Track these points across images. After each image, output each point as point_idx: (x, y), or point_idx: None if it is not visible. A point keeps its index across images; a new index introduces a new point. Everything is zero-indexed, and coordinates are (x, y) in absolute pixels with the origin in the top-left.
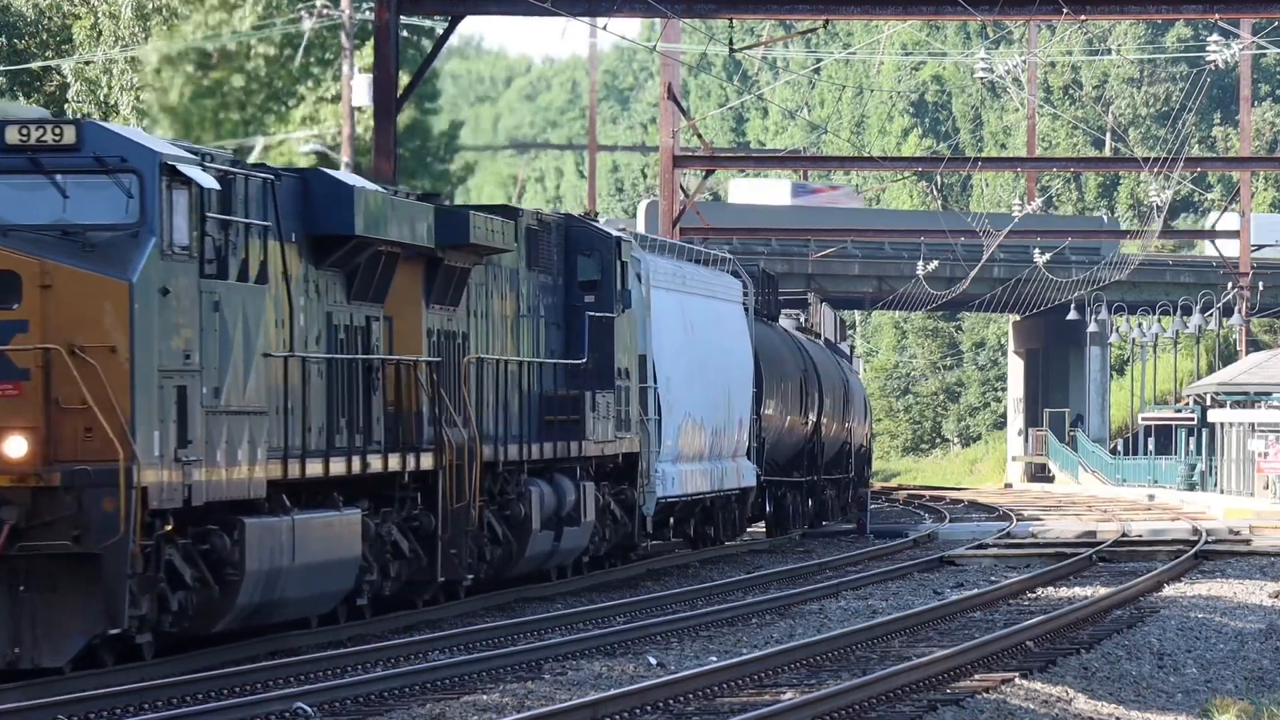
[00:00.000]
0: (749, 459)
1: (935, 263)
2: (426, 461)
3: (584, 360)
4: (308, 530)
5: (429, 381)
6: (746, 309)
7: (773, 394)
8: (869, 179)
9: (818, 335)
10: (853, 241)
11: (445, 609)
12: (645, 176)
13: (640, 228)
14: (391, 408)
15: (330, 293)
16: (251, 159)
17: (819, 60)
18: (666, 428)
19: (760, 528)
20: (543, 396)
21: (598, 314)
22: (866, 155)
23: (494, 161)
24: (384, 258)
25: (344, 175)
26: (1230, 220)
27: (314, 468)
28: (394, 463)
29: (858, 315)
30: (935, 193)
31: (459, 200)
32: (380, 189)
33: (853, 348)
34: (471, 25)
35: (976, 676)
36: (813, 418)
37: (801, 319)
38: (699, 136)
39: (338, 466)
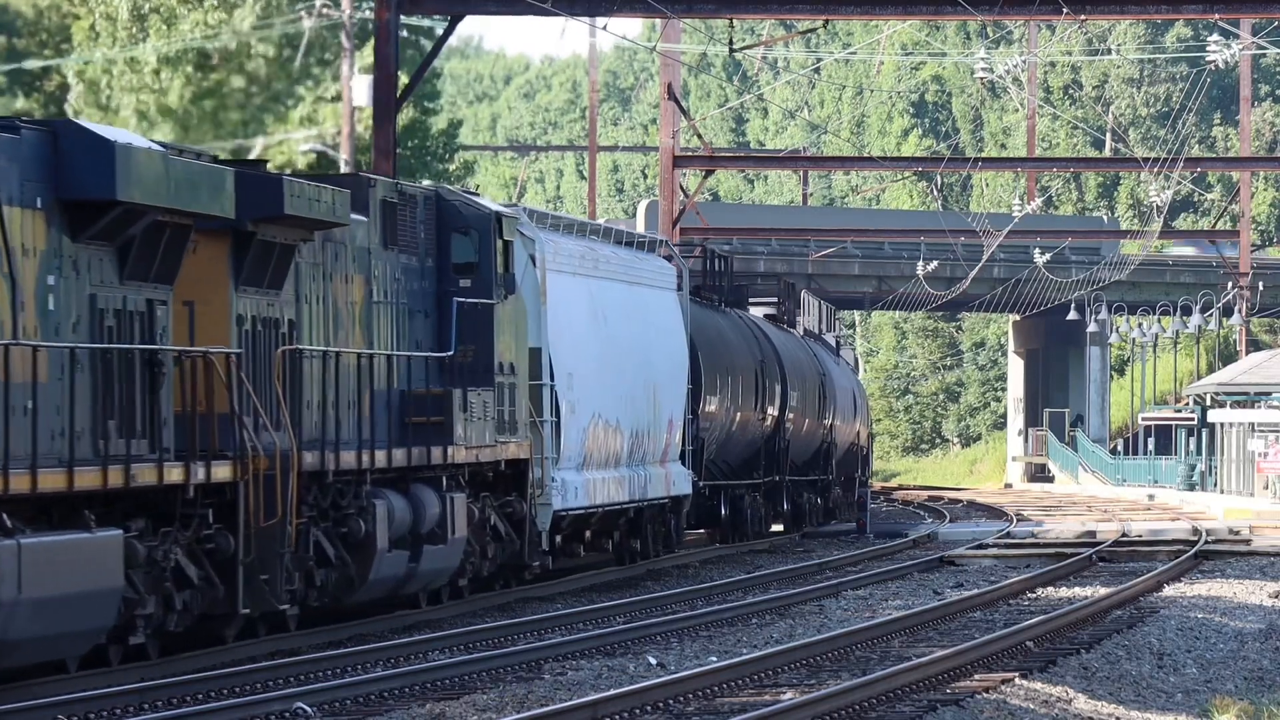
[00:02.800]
0: (683, 463)
1: (935, 263)
2: (222, 472)
3: (451, 353)
4: (42, 556)
5: (231, 377)
6: (681, 296)
7: (716, 389)
8: (869, 179)
9: (792, 325)
10: (853, 242)
11: (444, 609)
12: (645, 177)
13: (640, 228)
14: (185, 409)
15: (95, 271)
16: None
17: (819, 60)
18: (569, 430)
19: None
20: (403, 395)
21: (472, 300)
22: (866, 155)
23: (494, 162)
24: (169, 230)
25: (107, 129)
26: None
27: (53, 480)
28: (174, 474)
29: (858, 315)
30: (935, 193)
31: None
32: (156, 146)
33: (840, 339)
34: (471, 25)
35: (976, 676)
36: (772, 413)
37: (784, 308)
38: (699, 137)
39: (87, 479)
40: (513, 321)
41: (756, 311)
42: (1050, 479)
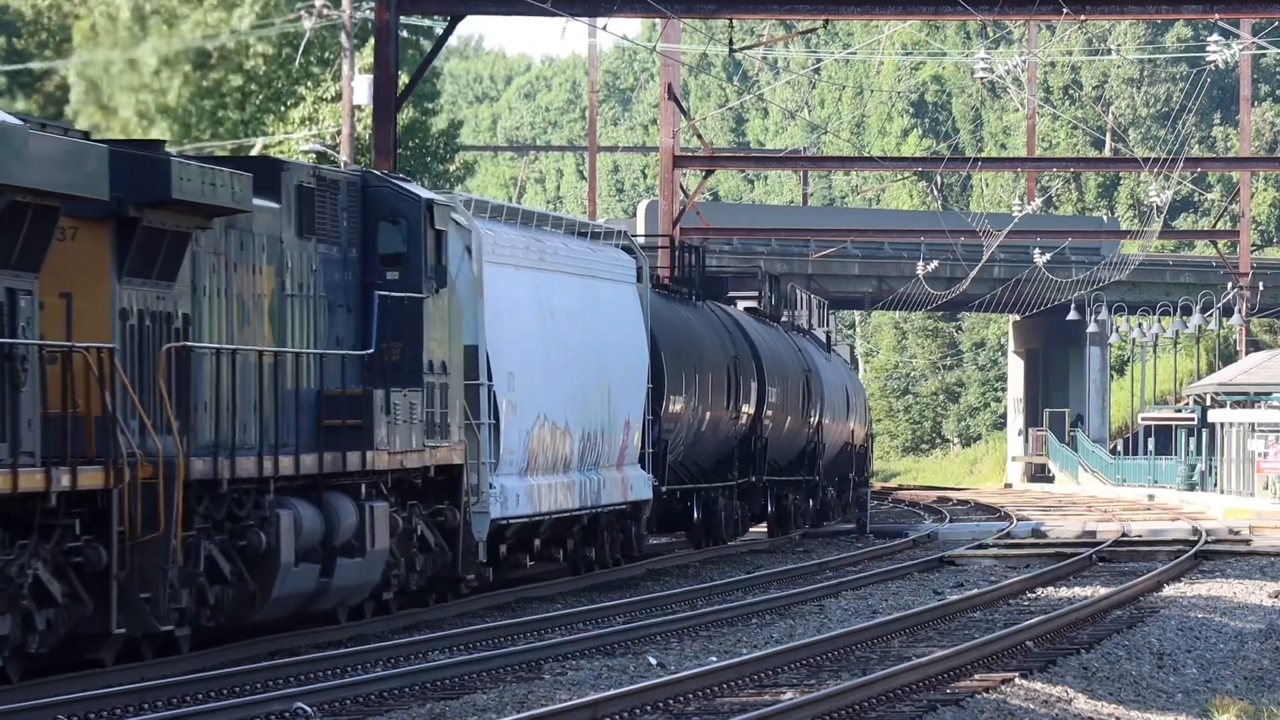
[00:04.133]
0: (643, 467)
1: (935, 263)
2: (90, 479)
3: (371, 350)
4: None
5: (105, 375)
6: (641, 289)
7: (682, 388)
8: (869, 179)
9: (776, 319)
10: (853, 242)
11: (445, 609)
12: (645, 177)
13: (640, 228)
14: (62, 410)
15: None
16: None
17: (819, 60)
18: (510, 433)
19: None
20: (319, 396)
21: (398, 294)
22: (866, 155)
23: (494, 162)
24: (30, 212)
25: None
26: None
27: None
28: (32, 481)
29: (858, 315)
30: (935, 193)
31: None
32: (13, 120)
33: (831, 334)
34: (471, 25)
35: (976, 676)
36: (748, 411)
37: (767, 301)
38: (699, 137)
39: None
40: (445, 317)
41: (740, 305)
42: (1050, 479)
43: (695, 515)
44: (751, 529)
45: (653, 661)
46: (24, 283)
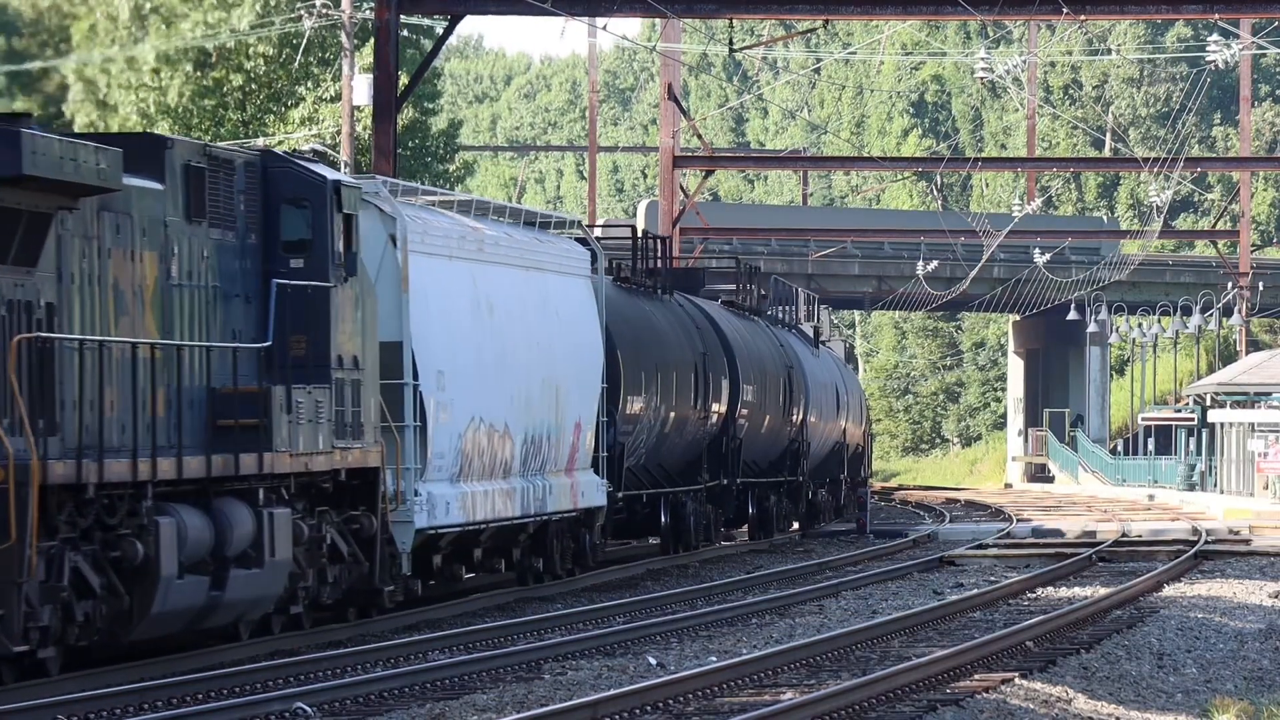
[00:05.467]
0: (597, 471)
1: (935, 263)
2: None
3: (268, 344)
4: None
5: None
6: (596, 283)
7: (642, 386)
8: (869, 179)
9: (756, 313)
10: (852, 242)
11: (445, 608)
12: (645, 177)
13: (640, 228)
14: None
15: None
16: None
17: (819, 60)
18: (439, 436)
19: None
20: (210, 393)
21: (301, 283)
22: (866, 155)
23: (494, 162)
24: None
25: None
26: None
27: None
28: None
29: (858, 315)
30: (935, 193)
31: None
32: None
33: (819, 329)
34: (471, 25)
35: (976, 676)
36: (718, 410)
37: (744, 294)
38: (699, 137)
39: None
40: (357, 309)
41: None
42: (1050, 479)
43: (663, 520)
44: (734, 532)
45: (652, 661)
46: None
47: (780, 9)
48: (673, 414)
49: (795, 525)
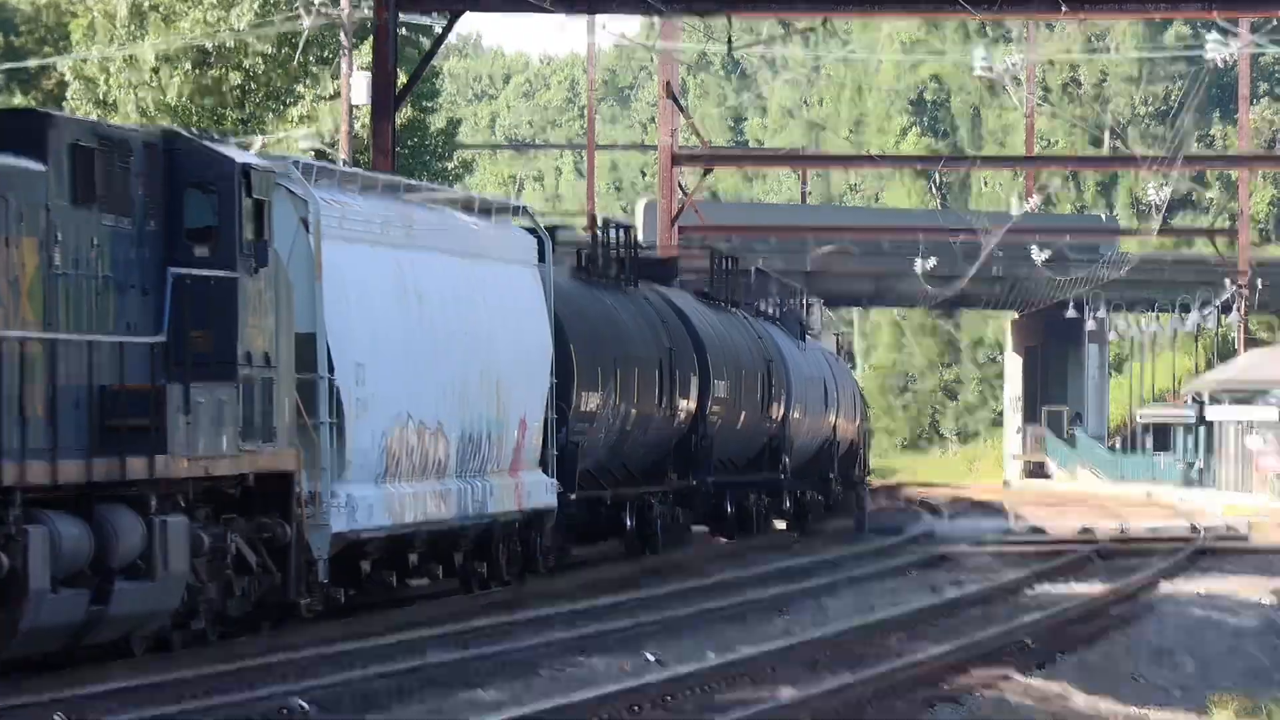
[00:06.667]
0: (546, 471)
1: (934, 261)
2: None
3: (162, 338)
4: None
5: None
6: (544, 272)
7: (599, 382)
8: (867, 177)
9: (733, 304)
10: (851, 240)
11: (442, 605)
12: (644, 175)
13: (639, 227)
14: None
15: None
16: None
17: (818, 59)
18: (359, 434)
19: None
20: (102, 393)
21: (204, 274)
22: (865, 154)
23: (493, 160)
24: None
25: None
26: None
27: None
28: None
29: (856, 313)
30: (934, 191)
31: None
32: None
33: (803, 320)
34: (469, 24)
35: (974, 673)
36: (686, 407)
37: (717, 284)
38: (698, 135)
39: None
40: (268, 301)
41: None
42: (1048, 476)
43: (628, 523)
44: (706, 532)
45: (650, 658)
46: None
47: (779, 7)
48: (634, 411)
49: (781, 525)
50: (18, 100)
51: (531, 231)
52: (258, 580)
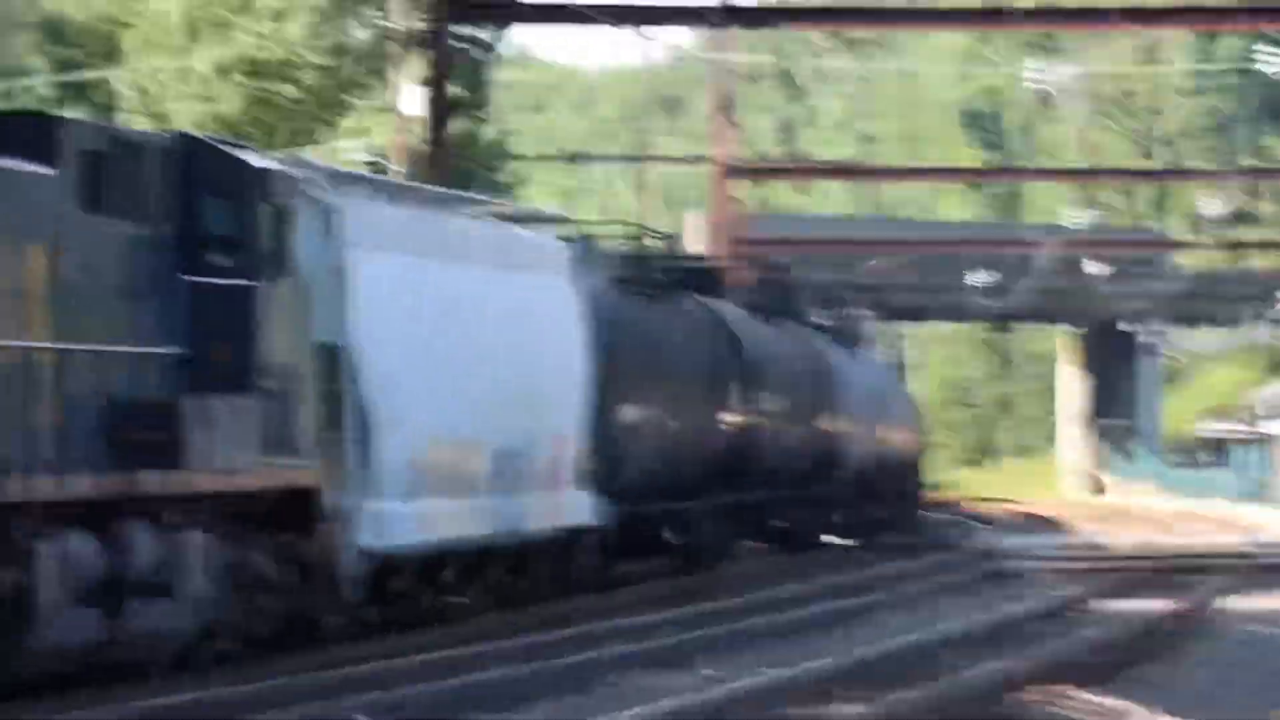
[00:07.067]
0: (584, 487)
1: (988, 274)
2: None
3: (180, 349)
4: None
5: None
6: (583, 283)
7: (641, 395)
8: (920, 190)
9: (782, 315)
10: (905, 253)
11: (480, 623)
12: (697, 188)
13: (689, 239)
14: None
15: None
16: None
17: (870, 71)
18: (389, 449)
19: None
20: (110, 404)
21: (225, 282)
22: (917, 166)
23: (546, 172)
24: None
25: None
26: None
27: None
28: None
29: (910, 327)
30: (987, 204)
31: None
32: None
33: (855, 332)
34: (522, 35)
35: (1033, 689)
36: (733, 419)
37: (764, 295)
38: (750, 148)
39: None
40: (290, 311)
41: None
42: (1104, 491)
43: (673, 539)
44: (755, 547)
45: (706, 674)
46: None
47: (831, 21)
48: (678, 424)
49: (834, 540)
50: (69, 112)
51: (571, 241)
52: (283, 598)
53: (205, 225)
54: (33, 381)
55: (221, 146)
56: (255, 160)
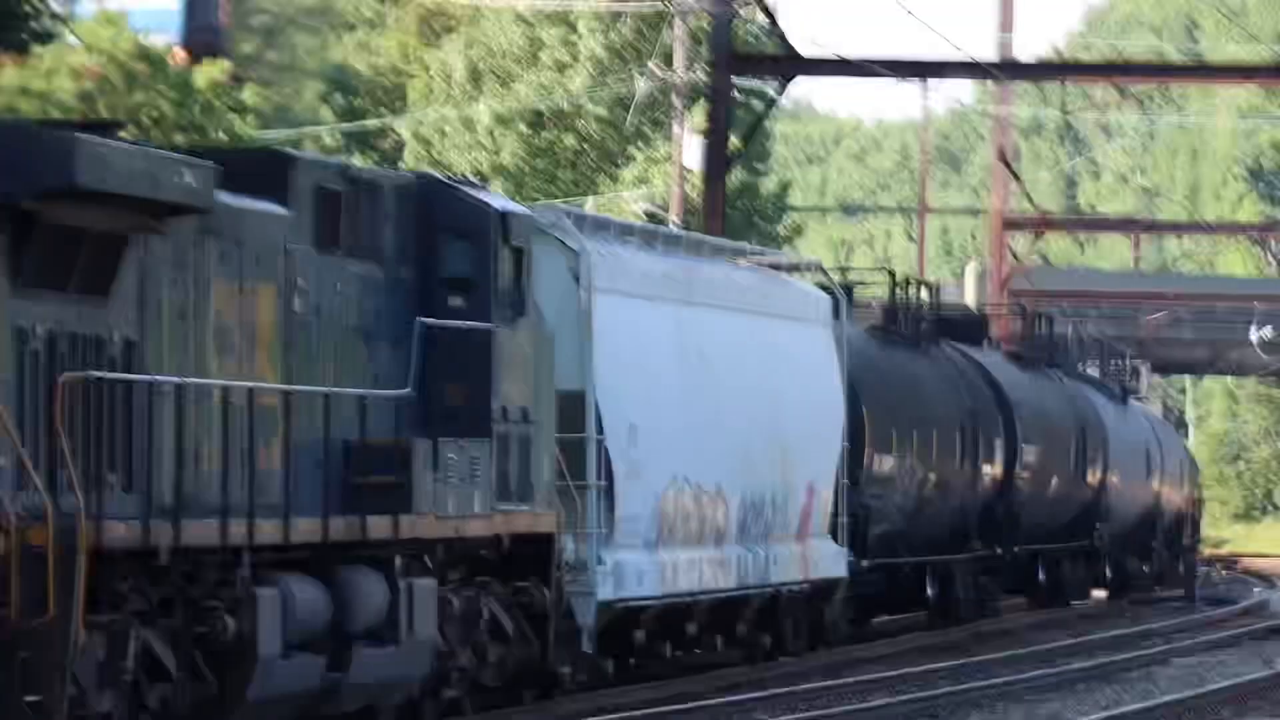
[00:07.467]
0: (836, 539)
1: (1269, 328)
2: None
3: (409, 391)
4: None
5: None
6: (838, 331)
7: (893, 445)
8: (1201, 243)
9: (1049, 365)
10: (1185, 307)
11: (770, 668)
12: (974, 239)
13: (969, 291)
14: None
15: None
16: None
17: (1153, 124)
18: (630, 498)
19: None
20: (340, 446)
21: (461, 325)
22: (1199, 220)
23: (823, 223)
24: None
25: None
26: None
27: None
28: None
29: (1189, 381)
30: (1270, 258)
31: None
32: None
33: (1124, 383)
34: (801, 87)
35: None
36: (992, 471)
37: (1027, 345)
38: (1030, 200)
39: None
40: (526, 354)
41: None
42: None
43: (930, 592)
44: (1013, 603)
45: None
46: None
47: (1115, 73)
48: (933, 475)
49: (1101, 594)
50: (356, 161)
51: (826, 289)
52: (515, 648)
53: (442, 266)
54: (260, 423)
55: (461, 187)
56: (495, 202)
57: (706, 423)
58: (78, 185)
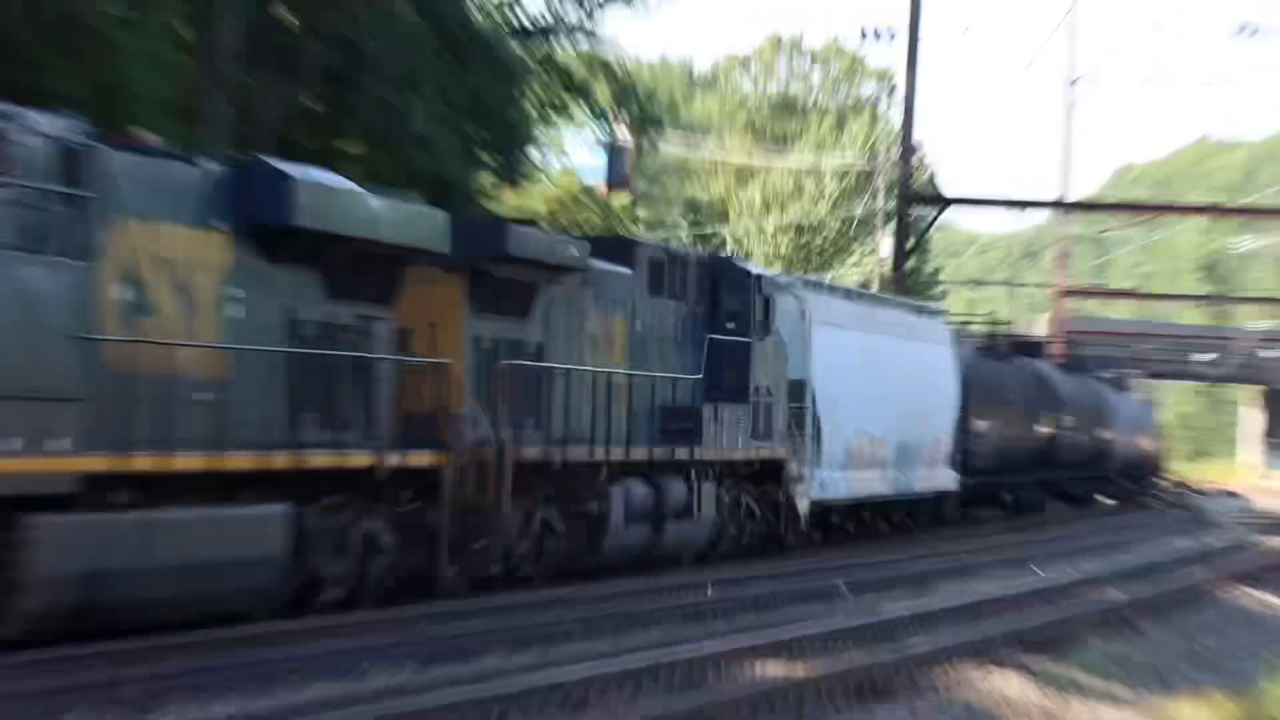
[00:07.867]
0: (950, 467)
1: (1209, 355)
2: (420, 459)
3: (700, 376)
4: (213, 526)
5: (449, 382)
6: (955, 350)
7: (986, 414)
8: (1175, 306)
9: (1083, 371)
10: (1160, 340)
11: (884, 544)
12: (1046, 302)
13: (1041, 330)
14: (421, 409)
15: (294, 288)
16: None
17: (1148, 237)
18: (831, 440)
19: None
20: (663, 409)
21: (732, 338)
22: (1169, 293)
23: (958, 291)
24: (380, 259)
25: (296, 167)
26: None
27: (237, 461)
28: (357, 460)
29: (1160, 382)
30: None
31: None
32: (352, 186)
33: (1120, 382)
34: (948, 213)
35: (1223, 585)
36: (1044, 431)
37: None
38: (1078, 277)
39: (243, 461)
40: (770, 356)
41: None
42: (1269, 480)
43: (1006, 499)
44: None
45: (1037, 571)
46: (378, 312)
47: (1126, 210)
48: (1011, 431)
49: (1109, 501)
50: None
51: (952, 325)
52: (761, 524)
53: (722, 305)
54: (615, 393)
55: (735, 259)
56: (753, 269)
57: (875, 399)
58: (509, 254)
